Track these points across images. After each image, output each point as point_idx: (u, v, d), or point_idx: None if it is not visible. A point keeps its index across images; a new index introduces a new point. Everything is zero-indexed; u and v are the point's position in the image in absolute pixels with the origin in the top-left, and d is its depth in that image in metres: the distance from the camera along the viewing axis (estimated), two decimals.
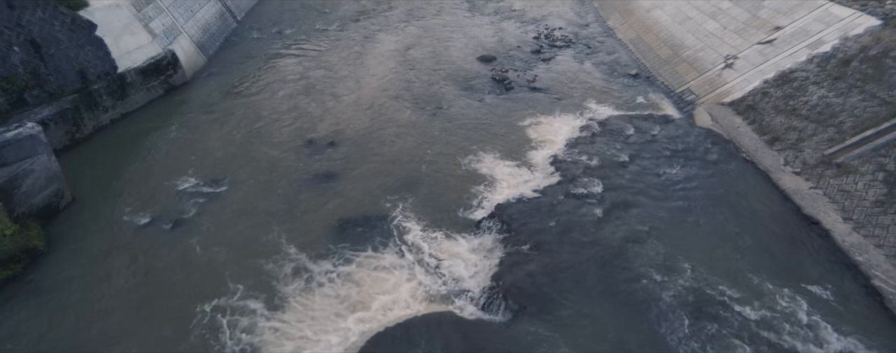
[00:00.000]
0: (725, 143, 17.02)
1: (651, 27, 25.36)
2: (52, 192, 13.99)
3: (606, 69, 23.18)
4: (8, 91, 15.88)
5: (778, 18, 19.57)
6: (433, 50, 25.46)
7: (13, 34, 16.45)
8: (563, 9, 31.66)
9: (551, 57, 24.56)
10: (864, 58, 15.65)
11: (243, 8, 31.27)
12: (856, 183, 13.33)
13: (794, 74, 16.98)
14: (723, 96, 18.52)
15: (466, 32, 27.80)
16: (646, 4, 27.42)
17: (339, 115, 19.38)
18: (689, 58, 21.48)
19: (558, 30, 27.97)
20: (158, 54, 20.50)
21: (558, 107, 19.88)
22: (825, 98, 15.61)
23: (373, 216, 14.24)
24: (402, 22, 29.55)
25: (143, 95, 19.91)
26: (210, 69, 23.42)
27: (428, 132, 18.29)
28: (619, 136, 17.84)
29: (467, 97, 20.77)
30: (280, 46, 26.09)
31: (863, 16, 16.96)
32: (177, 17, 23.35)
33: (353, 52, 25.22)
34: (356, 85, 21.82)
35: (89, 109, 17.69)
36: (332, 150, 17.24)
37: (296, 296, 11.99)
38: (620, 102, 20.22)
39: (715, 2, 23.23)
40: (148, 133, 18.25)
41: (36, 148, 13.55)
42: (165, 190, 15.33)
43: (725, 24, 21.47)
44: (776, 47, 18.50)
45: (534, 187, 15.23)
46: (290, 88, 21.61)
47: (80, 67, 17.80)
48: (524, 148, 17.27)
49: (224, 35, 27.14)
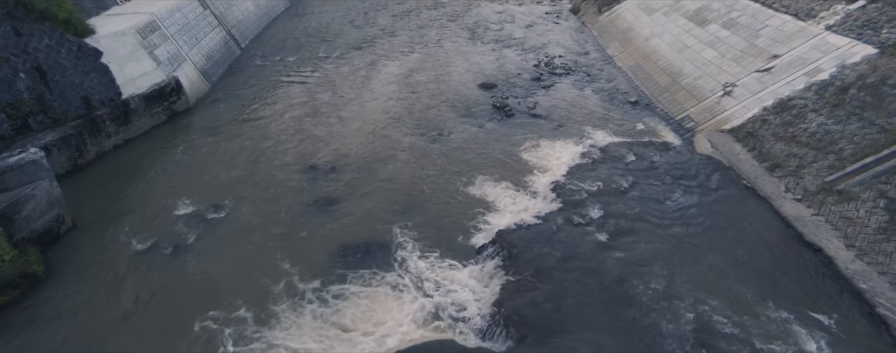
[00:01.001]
0: (726, 170, 17.05)
1: (650, 55, 25.64)
2: (53, 217, 13.98)
3: (606, 96, 23.36)
4: (12, 117, 16.00)
5: (775, 47, 19.81)
6: (434, 77, 25.71)
7: (19, 61, 16.66)
8: (562, 37, 32.07)
9: (551, 84, 24.78)
10: (862, 85, 15.78)
11: (247, 36, 31.72)
12: (857, 210, 13.30)
13: (793, 102, 17.10)
14: (722, 123, 18.62)
15: (467, 60, 28.11)
16: (644, 33, 27.79)
17: (340, 141, 19.48)
18: (687, 85, 21.67)
19: (558, 58, 28.29)
20: (162, 81, 20.71)
21: (559, 133, 19.97)
22: (824, 125, 15.69)
23: (374, 242, 14.19)
24: (403, 50, 29.91)
25: (147, 121, 20.05)
26: (213, 95, 23.63)
27: (429, 158, 18.35)
28: (620, 162, 17.88)
29: (468, 123, 20.89)
30: (283, 73, 26.37)
31: (859, 44, 17.16)
32: (181, 45, 23.66)
33: (355, 80, 25.47)
34: (358, 111, 21.98)
35: (92, 134, 17.80)
36: (333, 175, 17.27)
37: (295, 323, 11.87)
38: (620, 128, 20.33)
39: (713, 30, 23.54)
40: (150, 159, 18.32)
41: (38, 173, 13.59)
42: (166, 215, 15.31)
43: (723, 52, 21.72)
44: (774, 75, 18.67)
45: (535, 214, 15.21)
46: (293, 114, 21.76)
47: (85, 93, 17.98)
48: (525, 174, 17.29)
49: (228, 62, 27.46)
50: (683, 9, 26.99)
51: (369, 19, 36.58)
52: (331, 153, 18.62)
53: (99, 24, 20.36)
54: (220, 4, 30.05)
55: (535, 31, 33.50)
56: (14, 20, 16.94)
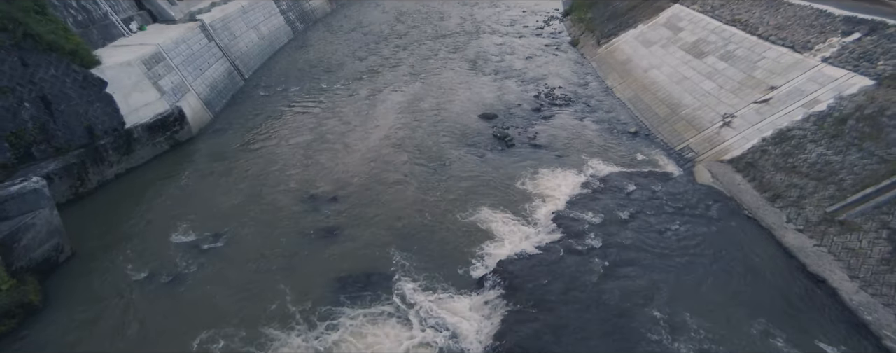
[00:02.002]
0: (727, 200, 17.04)
1: (649, 86, 25.89)
2: (52, 246, 13.93)
3: (606, 127, 23.50)
4: (16, 146, 16.10)
5: (773, 78, 20.01)
6: (436, 107, 25.92)
7: (25, 91, 16.85)
8: (562, 69, 32.44)
9: (551, 115, 24.96)
10: (860, 116, 15.89)
11: (251, 67, 32.12)
12: (860, 241, 13.24)
13: (792, 133, 17.19)
14: (722, 154, 18.68)
15: (468, 90, 28.38)
16: (643, 65, 28.11)
17: (341, 170, 19.53)
18: (687, 116, 21.82)
19: (558, 88, 28.55)
20: (166, 111, 20.90)
21: (559, 163, 20.02)
22: (824, 156, 15.74)
23: (373, 273, 14.10)
24: (405, 80, 30.24)
25: (149, 151, 20.15)
26: (216, 125, 23.80)
27: (430, 188, 18.36)
28: (621, 192, 17.89)
29: (469, 153, 20.97)
30: (285, 104, 26.61)
31: (856, 76, 17.34)
32: (186, 76, 23.95)
33: (356, 110, 25.68)
34: (359, 141, 22.10)
35: (95, 163, 17.87)
36: (334, 204, 17.27)
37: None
38: (621, 159, 20.39)
39: (710, 62, 23.82)
40: (151, 188, 18.36)
41: (39, 202, 13.61)
42: (166, 244, 15.26)
43: (721, 83, 21.93)
44: (772, 106, 18.82)
45: (535, 244, 15.14)
46: (294, 144, 21.88)
47: (89, 122, 18.12)
48: (525, 204, 17.28)
49: (231, 93, 27.75)
50: (681, 41, 27.37)
51: (371, 50, 37.09)
52: (332, 182, 18.65)
53: (105, 56, 20.66)
54: (224, 36, 30.53)
55: (535, 62, 33.91)
56: (22, 51, 17.20)
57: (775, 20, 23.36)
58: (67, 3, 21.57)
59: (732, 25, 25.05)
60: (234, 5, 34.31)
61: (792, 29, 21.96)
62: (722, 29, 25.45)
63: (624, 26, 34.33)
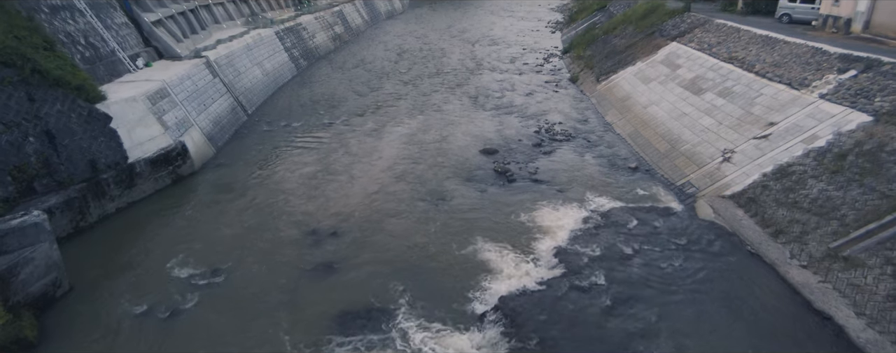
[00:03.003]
0: (729, 235, 16.96)
1: (648, 122, 26.11)
2: (50, 280, 13.83)
3: (606, 162, 23.60)
4: (18, 180, 16.15)
5: (771, 115, 20.19)
6: (437, 143, 26.10)
7: (30, 125, 17.02)
8: (562, 105, 32.78)
9: (552, 150, 25.10)
10: (860, 152, 15.96)
11: (254, 102, 32.50)
12: (865, 277, 13.11)
13: (792, 168, 17.24)
14: (723, 189, 18.69)
15: (469, 126, 28.62)
16: (642, 101, 28.42)
17: (342, 205, 19.53)
18: (687, 152, 21.93)
19: (558, 124, 28.79)
20: (169, 145, 21.05)
21: (560, 198, 20.03)
22: (825, 191, 15.74)
23: (374, 308, 13.94)
24: (406, 116, 30.53)
25: (151, 185, 20.20)
26: (218, 160, 23.93)
27: (430, 223, 18.32)
28: (622, 228, 17.83)
29: (470, 188, 21.00)
30: (287, 139, 26.81)
31: (854, 112, 17.50)
32: (190, 111, 24.21)
33: (358, 145, 25.86)
34: (360, 176, 22.17)
35: (96, 197, 17.90)
36: (334, 239, 17.20)
37: None
38: (621, 194, 20.40)
39: (709, 99, 24.08)
40: (152, 222, 18.33)
41: (39, 236, 13.57)
42: (164, 279, 15.14)
43: (720, 119, 22.12)
44: (772, 142, 18.93)
45: (537, 279, 15.02)
46: (295, 178, 21.95)
47: (92, 157, 18.23)
48: (527, 239, 17.21)
49: (234, 127, 28.00)
50: (679, 78, 27.73)
51: (373, 87, 37.57)
52: (333, 216, 18.63)
53: (111, 91, 20.95)
54: (229, 72, 30.99)
55: (535, 98, 34.29)
56: (29, 86, 17.45)
57: (771, 58, 23.72)
58: (76, 40, 21.98)
59: (729, 63, 25.43)
60: (239, 43, 34.94)
61: (788, 66, 22.28)
62: (719, 66, 25.83)
63: (622, 63, 34.85)
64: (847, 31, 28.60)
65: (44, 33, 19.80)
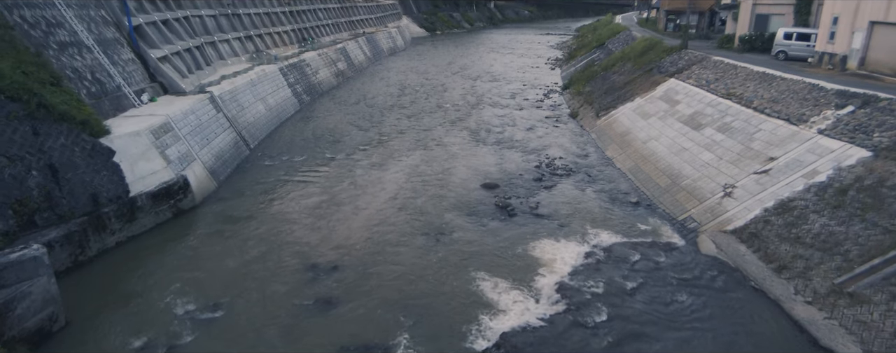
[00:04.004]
0: (732, 271, 16.83)
1: (648, 157, 26.21)
2: (47, 315, 13.67)
3: (607, 197, 23.60)
4: (19, 213, 16.15)
5: (771, 150, 20.29)
6: (438, 177, 26.16)
7: (34, 159, 17.12)
8: (562, 140, 32.99)
9: (553, 185, 25.14)
10: (861, 187, 15.98)
11: (257, 137, 32.73)
12: (871, 313, 12.95)
13: (794, 203, 17.23)
14: (725, 224, 18.64)
15: (470, 161, 28.74)
16: (642, 136, 28.60)
17: (342, 239, 19.46)
18: (688, 187, 21.95)
19: (559, 159, 28.91)
20: (171, 180, 21.11)
21: (561, 233, 19.96)
22: (827, 226, 15.69)
23: (373, 345, 13.73)
24: (407, 151, 30.69)
25: (152, 219, 20.18)
26: (220, 194, 23.96)
27: (431, 257, 18.22)
28: (624, 263, 17.71)
29: (471, 223, 20.95)
30: (289, 173, 26.90)
31: (853, 147, 17.59)
32: (192, 145, 24.37)
33: (359, 180, 25.92)
34: (361, 210, 22.16)
35: (96, 231, 17.85)
36: (334, 274, 17.08)
37: None
38: (623, 229, 20.33)
39: (708, 134, 24.25)
40: (151, 256, 18.24)
41: (38, 270, 13.49)
42: (162, 313, 14.97)
43: (720, 155, 22.22)
44: (772, 177, 18.97)
45: (539, 315, 14.84)
46: (296, 213, 21.93)
47: (94, 190, 18.27)
48: (528, 275, 17.07)
49: (236, 162, 28.12)
50: (678, 114, 27.99)
51: (375, 122, 37.89)
52: (333, 251, 18.54)
53: (115, 125, 21.15)
54: (233, 107, 31.33)
55: (535, 133, 34.53)
56: (34, 120, 17.64)
57: (769, 94, 23.99)
58: (82, 76, 22.31)
59: (728, 98, 25.70)
60: (243, 78, 35.43)
61: (786, 102, 22.51)
62: (717, 102, 26.09)
63: (622, 99, 35.23)
64: (843, 67, 29.00)
65: (51, 69, 20.11)
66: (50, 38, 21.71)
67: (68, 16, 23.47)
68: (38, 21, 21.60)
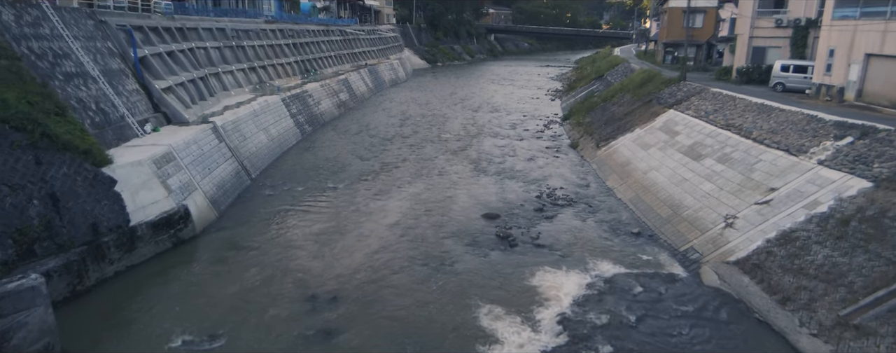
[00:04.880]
0: (736, 302, 16.67)
1: (649, 188, 26.24)
2: (43, 346, 13.48)
3: (608, 228, 23.53)
4: (19, 242, 16.10)
5: (771, 180, 20.32)
6: (438, 207, 26.15)
7: (35, 188, 17.15)
8: (563, 170, 33.07)
9: (554, 215, 25.10)
10: (862, 218, 15.94)
11: (259, 166, 32.83)
12: (878, 346, 12.77)
13: (796, 234, 17.17)
14: (727, 255, 18.53)
15: (471, 191, 28.76)
16: (642, 166, 28.68)
17: (342, 270, 19.34)
18: (689, 217, 21.90)
19: (559, 189, 28.93)
20: (172, 209, 21.10)
21: (563, 264, 19.84)
22: (830, 257, 15.60)
23: None
24: (408, 180, 30.75)
25: (151, 249, 20.09)
26: (220, 224, 23.91)
27: (432, 288, 18.07)
28: (627, 294, 17.56)
29: (472, 253, 20.85)
30: (290, 203, 26.89)
31: (853, 178, 17.62)
32: (194, 175, 24.44)
33: (360, 209, 25.90)
34: (361, 240, 22.08)
35: (95, 261, 17.76)
36: (334, 304, 16.91)
37: None
38: (625, 260, 20.22)
39: (708, 165, 24.32)
40: (150, 286, 18.10)
41: (35, 300, 13.37)
42: (160, 345, 14.77)
43: (721, 185, 22.24)
44: (774, 208, 18.94)
45: (541, 348, 14.64)
46: (296, 242, 21.85)
47: (94, 220, 18.25)
48: (530, 306, 16.91)
49: (237, 191, 28.14)
50: (678, 144, 28.13)
51: (376, 152, 38.06)
52: (333, 282, 18.40)
53: (117, 155, 21.25)
54: (235, 138, 31.52)
55: (536, 163, 34.64)
56: (37, 150, 17.73)
57: (768, 125, 24.15)
58: (87, 106, 22.53)
59: (727, 129, 25.87)
60: (245, 109, 35.74)
61: (785, 133, 22.64)
62: (717, 133, 26.25)
63: (621, 130, 35.45)
64: (841, 99, 29.27)
65: (56, 99, 20.31)
66: (56, 69, 21.99)
67: (75, 47, 23.83)
68: (45, 52, 21.92)
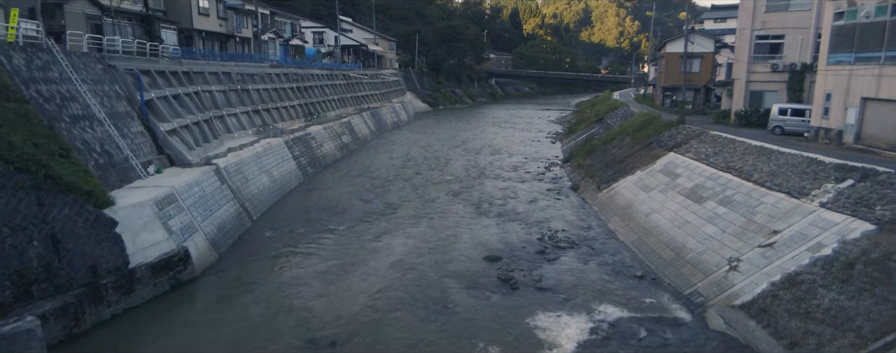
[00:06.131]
0: (742, 347, 16.35)
1: (651, 230, 26.13)
2: None
3: (611, 270, 23.33)
4: (17, 284, 15.96)
5: (774, 223, 20.25)
6: (440, 249, 26.00)
7: (36, 229, 17.13)
8: (564, 212, 33.03)
9: (556, 257, 24.92)
10: (867, 261, 15.81)
11: (260, 208, 32.83)
12: None
13: (801, 277, 16.99)
14: (732, 299, 18.30)
15: (472, 233, 28.65)
16: (644, 209, 28.64)
17: (343, 312, 19.08)
18: (692, 260, 21.73)
19: (561, 231, 28.82)
20: (172, 251, 21.00)
21: (566, 307, 19.57)
22: (837, 301, 15.39)
23: None
24: (410, 222, 30.67)
25: (149, 291, 19.89)
26: (220, 266, 23.74)
27: (433, 331, 17.78)
28: (631, 339, 17.25)
29: (473, 296, 20.61)
30: (290, 245, 26.77)
31: (856, 220, 17.56)
32: (195, 216, 24.43)
33: (360, 251, 25.75)
34: (361, 282, 21.87)
35: (93, 303, 17.56)
36: (334, 349, 16.61)
37: None
38: (628, 303, 19.96)
39: (710, 207, 24.29)
40: (146, 330, 17.84)
41: (29, 343, 13.20)
42: None
43: (723, 228, 22.16)
44: (777, 251, 18.81)
45: None
46: (295, 285, 21.65)
47: (94, 261, 18.15)
48: (532, 350, 16.58)
49: (238, 233, 28.06)
50: (679, 187, 28.17)
51: (378, 194, 38.11)
52: (332, 325, 18.13)
53: (120, 196, 21.30)
54: (237, 179, 31.65)
55: (537, 205, 34.62)
56: (40, 191, 17.79)
57: (768, 167, 24.25)
58: (91, 148, 22.73)
59: (727, 172, 25.95)
60: (249, 151, 36.03)
61: (786, 175, 22.70)
62: (717, 175, 26.33)
63: (622, 172, 35.57)
64: (839, 142, 29.48)
65: (62, 141, 20.52)
66: (63, 112, 22.30)
67: (83, 90, 24.24)
68: (53, 95, 22.29)
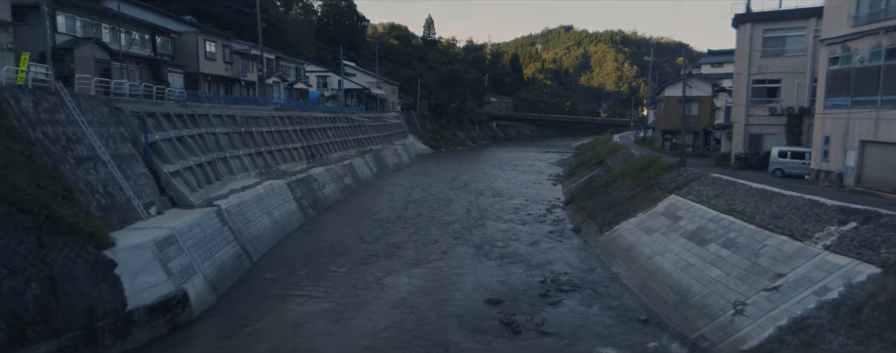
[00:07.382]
0: None
1: (654, 273, 25.87)
2: None
3: (614, 314, 22.99)
4: (13, 326, 15.74)
5: (778, 266, 20.07)
6: (441, 292, 25.70)
7: (34, 271, 17.00)
8: (566, 254, 32.79)
9: (558, 301, 24.61)
10: (875, 305, 15.59)
11: (260, 250, 32.64)
12: None
13: (808, 322, 16.72)
14: (739, 343, 17.95)
15: (474, 275, 28.38)
16: (646, 251, 28.44)
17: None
18: (697, 304, 21.44)
19: (563, 274, 28.54)
20: (170, 293, 20.79)
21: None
22: (846, 346, 15.10)
23: None
24: (411, 264, 30.43)
25: (147, 333, 19.58)
26: (218, 308, 23.44)
27: None
28: None
29: (474, 340, 20.26)
30: (291, 287, 26.49)
31: (861, 264, 17.39)
32: (195, 258, 24.27)
33: (360, 293, 25.46)
34: (362, 324, 21.54)
35: (88, 346, 17.27)
36: None
37: None
38: (633, 348, 19.59)
39: (713, 250, 24.12)
40: None
41: None
42: None
43: (727, 271, 21.95)
44: (783, 294, 18.58)
45: None
46: (294, 329, 21.32)
47: (91, 303, 17.94)
48: None
49: (238, 275, 27.81)
50: (681, 230, 28.04)
51: (379, 235, 37.96)
52: None
53: (120, 238, 21.23)
54: (238, 221, 31.59)
55: (539, 248, 34.40)
56: (40, 232, 17.75)
57: (770, 210, 24.20)
58: (94, 189, 22.80)
59: (729, 214, 25.88)
60: (251, 192, 36.10)
61: (788, 218, 22.63)
62: (720, 218, 26.25)
63: (624, 215, 35.48)
64: (840, 184, 29.51)
65: (65, 182, 20.61)
66: (68, 153, 22.49)
67: (88, 132, 24.51)
68: (59, 137, 22.52)
